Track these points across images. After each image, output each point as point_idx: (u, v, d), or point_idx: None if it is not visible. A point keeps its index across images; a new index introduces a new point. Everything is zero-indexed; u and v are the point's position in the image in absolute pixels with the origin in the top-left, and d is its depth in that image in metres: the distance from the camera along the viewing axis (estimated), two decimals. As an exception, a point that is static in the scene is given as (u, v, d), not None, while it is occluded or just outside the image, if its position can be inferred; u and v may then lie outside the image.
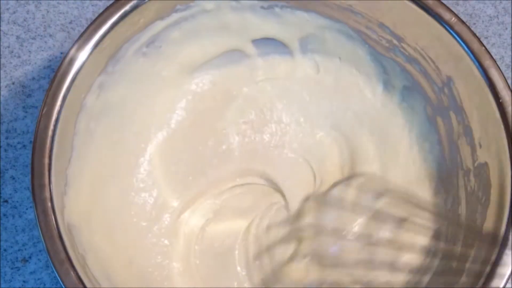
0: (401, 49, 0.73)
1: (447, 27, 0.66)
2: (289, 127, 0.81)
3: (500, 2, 0.86)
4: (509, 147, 0.63)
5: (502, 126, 0.63)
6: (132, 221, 0.74)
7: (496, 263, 0.60)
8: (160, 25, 0.72)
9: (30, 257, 0.75)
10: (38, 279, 0.75)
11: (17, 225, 0.76)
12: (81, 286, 0.59)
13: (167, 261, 0.75)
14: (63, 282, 0.58)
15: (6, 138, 0.79)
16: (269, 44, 0.79)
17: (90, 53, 0.66)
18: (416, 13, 0.68)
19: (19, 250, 0.76)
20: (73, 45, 0.65)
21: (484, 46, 0.66)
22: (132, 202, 0.75)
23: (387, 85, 0.78)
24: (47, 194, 0.61)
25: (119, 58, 0.70)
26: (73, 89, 0.65)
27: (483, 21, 0.86)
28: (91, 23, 0.66)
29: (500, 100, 0.64)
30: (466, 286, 0.61)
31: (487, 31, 0.85)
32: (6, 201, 0.77)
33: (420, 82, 0.74)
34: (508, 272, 0.59)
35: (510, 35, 0.84)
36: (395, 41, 0.73)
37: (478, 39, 0.66)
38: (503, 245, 0.60)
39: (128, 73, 0.72)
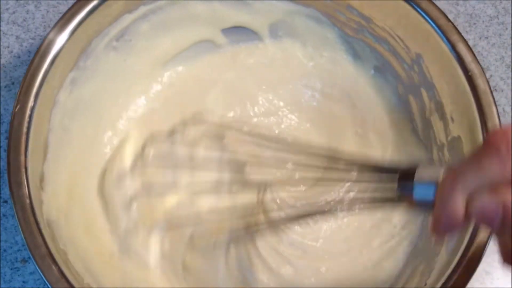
0: (369, 30, 0.74)
1: (413, 4, 0.67)
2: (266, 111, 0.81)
3: (500, 2, 0.87)
4: (480, 119, 0.64)
5: (472, 99, 0.64)
6: (110, 220, 0.74)
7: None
8: (128, 18, 0.72)
9: (29, 258, 0.74)
10: (38, 279, 0.74)
11: (17, 225, 0.74)
12: (64, 280, 0.58)
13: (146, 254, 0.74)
14: (45, 277, 0.58)
15: (6, 138, 0.78)
16: (239, 32, 0.80)
17: (60, 49, 0.66)
18: (382, -8, 0.69)
19: (18, 250, 0.75)
20: (44, 40, 0.65)
21: (451, 22, 0.67)
22: (109, 199, 0.74)
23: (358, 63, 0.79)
24: (25, 191, 0.61)
25: (90, 52, 0.70)
26: (45, 85, 0.65)
27: (483, 21, 0.86)
28: (60, 18, 0.66)
29: (469, 73, 0.65)
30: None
31: (487, 31, 0.86)
32: (6, 202, 0.76)
33: (390, 62, 0.75)
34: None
35: (510, 35, 0.85)
36: (363, 22, 0.73)
37: (445, 15, 0.67)
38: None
39: (100, 68, 0.72)
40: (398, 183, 0.54)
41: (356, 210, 0.75)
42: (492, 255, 0.60)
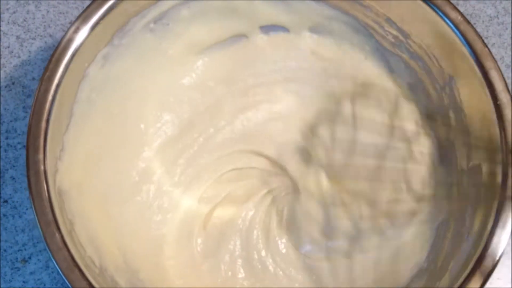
0: (406, 45, 0.73)
1: (452, 25, 0.66)
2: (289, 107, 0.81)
3: (500, 2, 0.86)
4: (501, 149, 0.63)
5: (497, 128, 0.63)
6: (124, 195, 0.75)
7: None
8: (169, 2, 0.72)
9: (30, 258, 0.76)
10: (38, 279, 0.75)
11: (17, 226, 0.77)
12: (65, 248, 0.59)
13: (157, 238, 0.75)
14: (47, 243, 0.59)
15: (6, 138, 0.80)
16: (277, 31, 0.80)
17: (96, 24, 0.66)
18: (423, 10, 0.68)
19: (19, 250, 0.76)
20: (80, 15, 0.66)
21: (487, 47, 0.66)
22: (127, 176, 0.76)
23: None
24: (41, 156, 0.62)
25: (127, 31, 0.71)
26: (76, 57, 0.65)
27: (483, 21, 0.85)
28: (99, -5, 0.67)
29: (498, 102, 0.64)
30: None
31: (487, 31, 0.85)
32: (6, 202, 0.77)
33: (423, 80, 0.74)
34: None
35: (510, 35, 0.84)
36: (401, 37, 0.73)
37: (482, 40, 0.66)
38: (486, 247, 0.60)
39: (134, 48, 0.73)
40: None
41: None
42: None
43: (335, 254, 0.75)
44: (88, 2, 0.83)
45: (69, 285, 0.59)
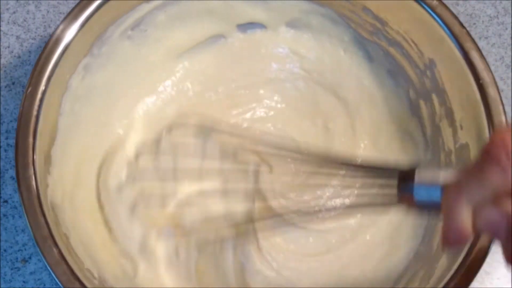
0: (384, 32, 0.73)
1: (428, 9, 0.67)
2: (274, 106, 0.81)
3: (500, 2, 0.86)
4: (488, 127, 0.63)
5: (482, 107, 0.64)
6: (115, 205, 0.74)
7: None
8: (145, 7, 0.72)
9: (30, 258, 0.75)
10: (38, 279, 0.75)
11: (17, 226, 0.76)
12: (63, 262, 0.59)
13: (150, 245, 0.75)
14: (45, 259, 0.59)
15: (6, 138, 0.79)
16: (254, 28, 0.80)
17: (76, 34, 0.66)
18: (398, -4, 0.69)
19: (19, 250, 0.75)
20: (59, 25, 0.66)
21: (465, 29, 0.66)
22: (116, 186, 0.75)
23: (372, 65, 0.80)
24: (31, 172, 0.62)
25: (105, 40, 0.71)
26: (58, 69, 0.65)
27: (483, 21, 0.86)
28: (77, 4, 0.67)
29: (481, 81, 0.65)
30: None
31: (487, 31, 0.85)
32: (6, 202, 0.77)
33: (403, 66, 0.75)
34: None
35: (510, 35, 0.84)
36: (378, 25, 0.73)
37: (459, 21, 0.67)
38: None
39: (114, 56, 0.73)
40: (398, 184, 0.54)
41: (356, 211, 0.75)
42: (492, 255, 0.60)
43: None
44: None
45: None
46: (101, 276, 0.65)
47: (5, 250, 0.75)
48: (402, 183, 0.53)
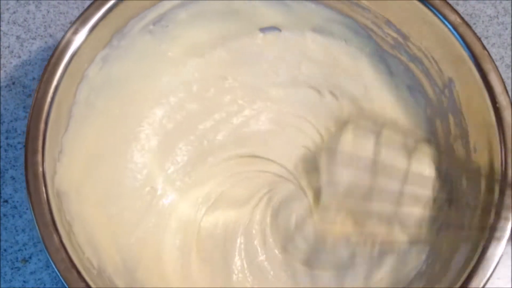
0: (405, 47, 0.73)
1: (451, 28, 0.66)
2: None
3: (500, 2, 0.86)
4: (501, 152, 0.63)
5: (496, 131, 0.63)
6: (124, 198, 0.75)
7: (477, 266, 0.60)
8: (168, 4, 0.72)
9: (30, 257, 0.76)
10: (38, 279, 0.75)
11: (17, 225, 0.77)
12: (63, 249, 0.59)
13: (156, 241, 0.75)
14: (45, 245, 0.59)
15: (6, 138, 0.80)
16: (276, 33, 0.80)
17: (95, 25, 0.66)
18: (422, 12, 0.68)
19: (19, 250, 0.76)
20: (78, 17, 0.66)
21: (487, 50, 0.65)
22: (126, 178, 0.76)
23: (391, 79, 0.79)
24: (39, 158, 0.62)
25: (126, 33, 0.71)
26: (75, 58, 0.65)
27: (483, 21, 0.85)
28: (97, -3, 0.67)
29: (497, 105, 0.64)
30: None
31: (487, 31, 0.85)
32: (6, 201, 0.77)
33: (422, 82, 0.74)
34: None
35: (510, 35, 0.84)
36: (400, 39, 0.72)
37: (481, 42, 0.66)
38: (485, 250, 0.60)
39: (133, 49, 0.73)
40: None
41: None
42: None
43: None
44: (88, 2, 0.83)
45: (66, 286, 0.59)
46: (101, 266, 0.65)
47: (5, 250, 0.75)
48: None
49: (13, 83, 0.81)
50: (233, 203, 0.79)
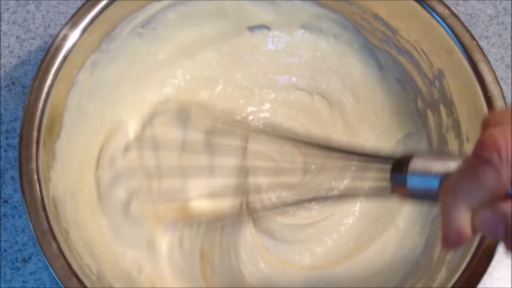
0: (394, 40, 0.73)
1: (439, 19, 0.67)
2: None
3: (500, 2, 0.86)
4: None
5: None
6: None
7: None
8: (156, 6, 0.72)
9: (30, 258, 0.75)
10: (38, 279, 0.75)
11: (17, 226, 0.76)
12: (62, 257, 0.59)
13: (152, 243, 0.75)
14: (44, 253, 0.59)
15: (6, 138, 0.79)
16: (264, 31, 0.80)
17: (84, 30, 0.66)
18: (410, 4, 0.68)
19: (19, 250, 0.75)
20: (68, 21, 0.66)
21: (476, 40, 0.66)
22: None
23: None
24: (34, 166, 0.62)
25: (115, 36, 0.71)
26: (65, 64, 0.65)
27: (483, 21, 0.86)
28: (87, 0, 0.67)
29: (488, 94, 0.64)
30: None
31: (487, 31, 0.85)
32: (6, 202, 0.77)
33: (412, 75, 0.74)
34: None
35: (510, 35, 0.84)
36: (389, 33, 0.73)
37: (470, 33, 0.66)
38: (482, 240, 0.60)
39: (123, 53, 0.73)
40: (391, 173, 0.53)
41: (348, 199, 0.76)
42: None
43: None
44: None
45: (66, 290, 0.59)
46: (99, 272, 0.65)
47: (5, 250, 0.75)
48: (395, 172, 0.53)
49: (13, 83, 0.81)
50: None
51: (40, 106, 0.64)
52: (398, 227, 0.74)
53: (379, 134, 0.79)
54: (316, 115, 0.81)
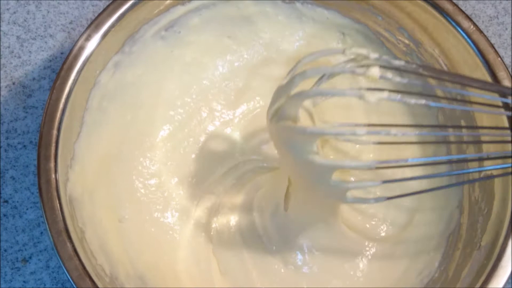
0: (418, 54, 0.73)
1: (464, 35, 0.66)
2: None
3: (500, 2, 0.86)
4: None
5: (510, 138, 0.63)
6: (136, 203, 0.74)
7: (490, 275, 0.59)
8: (180, 9, 0.72)
9: (30, 258, 0.75)
10: (38, 279, 0.75)
11: (17, 226, 0.76)
12: (76, 257, 0.59)
13: (169, 246, 0.75)
14: (58, 253, 0.59)
15: (6, 138, 0.79)
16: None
17: (108, 31, 0.67)
18: (435, 18, 0.68)
19: (19, 250, 0.76)
20: (92, 22, 0.66)
21: (500, 57, 0.65)
22: (138, 184, 0.75)
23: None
24: (52, 165, 0.62)
25: (138, 39, 0.71)
26: (88, 65, 0.66)
27: (483, 21, 0.85)
28: (112, 2, 0.67)
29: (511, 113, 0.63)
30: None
31: (487, 31, 0.84)
32: (6, 202, 0.77)
33: (434, 89, 0.73)
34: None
35: (510, 35, 0.84)
36: (413, 45, 0.72)
37: (495, 49, 0.65)
38: (499, 258, 0.60)
39: (145, 55, 0.73)
40: None
41: None
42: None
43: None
44: (88, 3, 0.83)
45: (69, 288, 0.59)
46: (113, 273, 0.65)
47: (5, 250, 0.75)
48: None
49: (13, 83, 0.81)
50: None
51: (61, 105, 0.64)
52: (414, 242, 0.74)
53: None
54: None
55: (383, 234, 0.75)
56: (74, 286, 0.59)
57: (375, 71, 0.51)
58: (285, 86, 0.56)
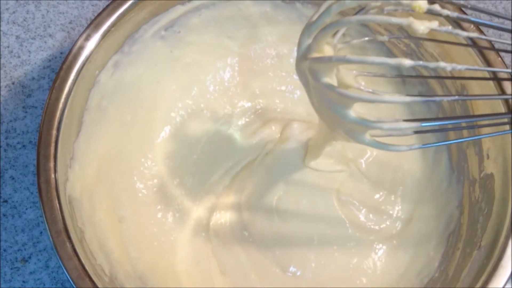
0: (418, 54, 0.73)
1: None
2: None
3: (500, 2, 0.86)
4: (515, 159, 0.62)
5: (510, 139, 0.63)
6: (136, 204, 0.74)
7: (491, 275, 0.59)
8: (180, 9, 0.72)
9: (29, 257, 0.75)
10: (38, 279, 0.75)
11: (17, 225, 0.76)
12: (75, 257, 0.59)
13: (169, 245, 0.75)
14: (58, 253, 0.59)
15: (6, 138, 0.79)
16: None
17: (107, 31, 0.66)
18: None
19: (18, 250, 0.76)
20: (91, 22, 0.66)
21: (501, 57, 0.65)
22: (139, 184, 0.75)
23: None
24: (51, 165, 0.62)
25: (137, 38, 0.71)
26: (87, 64, 0.66)
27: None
28: (111, 2, 0.67)
29: (512, 114, 0.63)
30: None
31: (487, 31, 0.84)
32: (6, 201, 0.77)
33: (435, 89, 0.74)
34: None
35: (510, 35, 0.83)
36: (413, 46, 0.73)
37: (496, 51, 0.65)
38: (499, 258, 0.60)
39: (145, 55, 0.73)
40: None
41: None
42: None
43: None
44: (87, 3, 0.83)
45: (71, 288, 0.59)
46: (113, 273, 0.65)
47: (5, 250, 0.75)
48: None
49: (13, 83, 0.81)
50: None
51: (61, 105, 0.64)
52: (413, 242, 0.74)
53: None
54: None
55: (383, 234, 0.75)
56: (74, 286, 0.59)
57: (423, 3, 0.50)
58: (317, 20, 0.53)
